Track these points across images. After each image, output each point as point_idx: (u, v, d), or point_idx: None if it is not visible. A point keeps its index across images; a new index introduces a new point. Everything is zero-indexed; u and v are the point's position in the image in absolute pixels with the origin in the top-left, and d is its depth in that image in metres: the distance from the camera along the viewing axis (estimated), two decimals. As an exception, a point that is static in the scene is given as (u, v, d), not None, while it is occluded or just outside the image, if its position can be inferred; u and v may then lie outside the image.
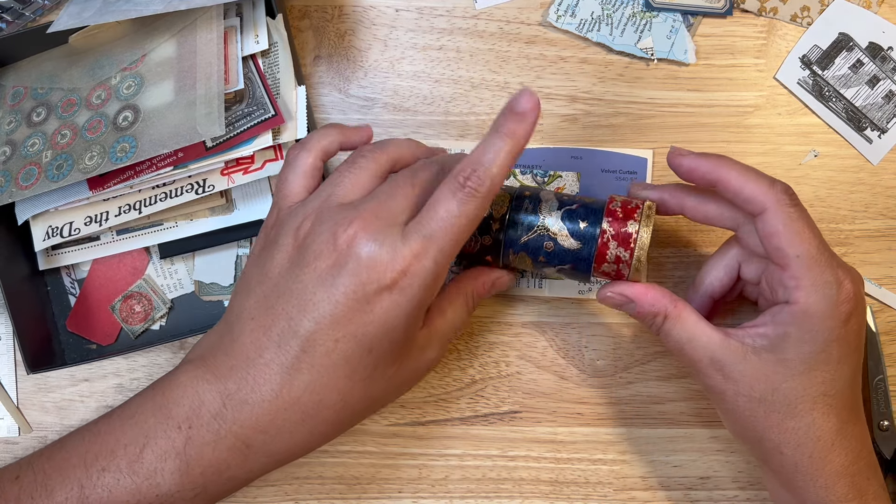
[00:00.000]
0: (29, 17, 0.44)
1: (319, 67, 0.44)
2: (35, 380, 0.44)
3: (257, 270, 0.35)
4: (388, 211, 0.33)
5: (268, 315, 0.33)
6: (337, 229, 0.32)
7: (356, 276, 0.32)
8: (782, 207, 0.34)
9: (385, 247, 0.32)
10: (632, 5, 0.44)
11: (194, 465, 0.32)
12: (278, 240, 0.34)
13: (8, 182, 0.39)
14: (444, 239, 0.32)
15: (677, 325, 0.36)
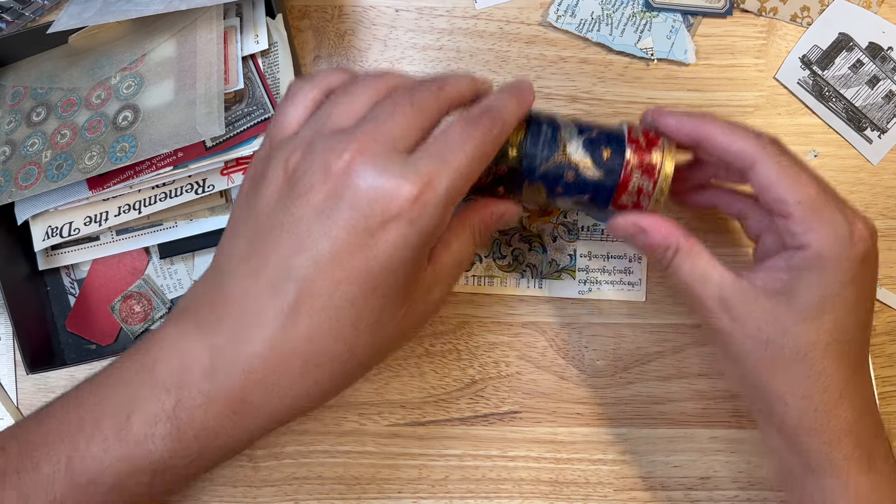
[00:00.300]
0: (29, 17, 0.44)
1: (319, 67, 0.44)
2: (35, 380, 0.44)
3: (245, 209, 0.31)
4: (388, 134, 0.29)
5: (258, 257, 0.29)
6: (330, 156, 0.28)
7: (356, 207, 0.28)
8: (772, 157, 0.33)
9: (388, 173, 0.28)
10: (632, 5, 0.44)
11: (186, 429, 0.29)
12: (266, 174, 0.31)
13: (8, 182, 0.39)
14: (458, 166, 0.29)
15: (688, 260, 0.34)
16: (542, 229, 0.44)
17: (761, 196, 0.34)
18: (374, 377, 0.44)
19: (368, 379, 0.44)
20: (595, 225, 0.44)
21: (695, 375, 0.44)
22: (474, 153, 0.30)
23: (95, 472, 0.29)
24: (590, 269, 0.44)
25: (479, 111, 0.31)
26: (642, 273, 0.44)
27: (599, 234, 0.44)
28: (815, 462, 0.34)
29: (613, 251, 0.44)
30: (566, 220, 0.44)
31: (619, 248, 0.44)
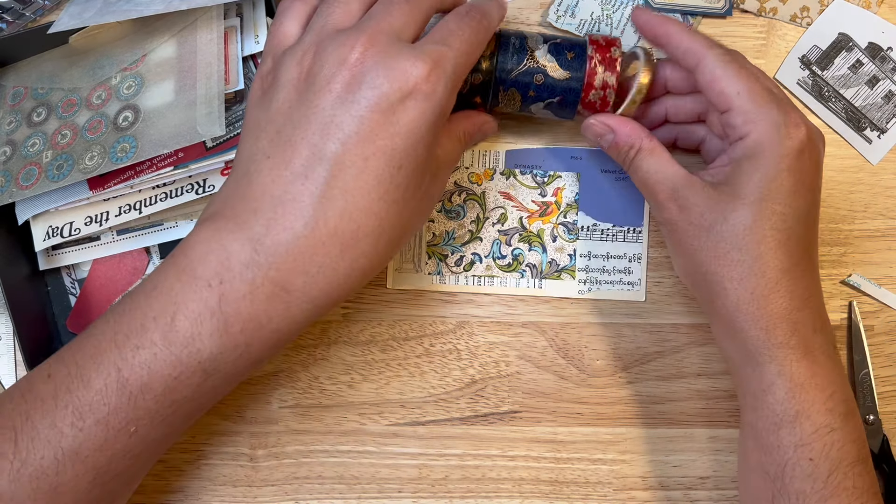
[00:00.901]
0: (29, 17, 0.44)
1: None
2: (35, 380, 0.44)
3: (263, 113, 0.33)
4: (391, 27, 0.32)
5: (286, 148, 0.31)
6: (343, 50, 0.31)
7: (377, 87, 0.30)
8: (717, 55, 0.36)
9: (400, 56, 0.31)
10: (631, 6, 0.44)
11: (233, 321, 0.30)
12: (279, 79, 0.32)
13: (8, 182, 0.39)
14: (460, 48, 0.32)
15: (648, 158, 0.37)
16: (542, 229, 0.44)
17: (707, 94, 0.36)
18: (375, 377, 0.44)
19: (368, 379, 0.44)
20: (595, 225, 0.44)
21: (695, 375, 0.44)
22: (471, 39, 0.33)
23: (146, 380, 0.30)
24: (589, 269, 0.44)
25: (468, 7, 0.35)
26: (642, 273, 0.44)
27: (599, 233, 0.44)
28: (752, 348, 0.35)
29: (613, 251, 0.44)
30: (566, 220, 0.44)
31: (619, 247, 0.44)
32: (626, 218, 0.44)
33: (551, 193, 0.44)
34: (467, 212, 0.44)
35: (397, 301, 0.45)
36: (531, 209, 0.44)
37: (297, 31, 0.34)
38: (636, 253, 0.44)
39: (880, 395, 0.44)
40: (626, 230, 0.44)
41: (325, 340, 0.44)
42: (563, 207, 0.44)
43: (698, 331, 0.44)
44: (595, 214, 0.44)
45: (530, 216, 0.44)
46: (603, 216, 0.44)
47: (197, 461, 0.44)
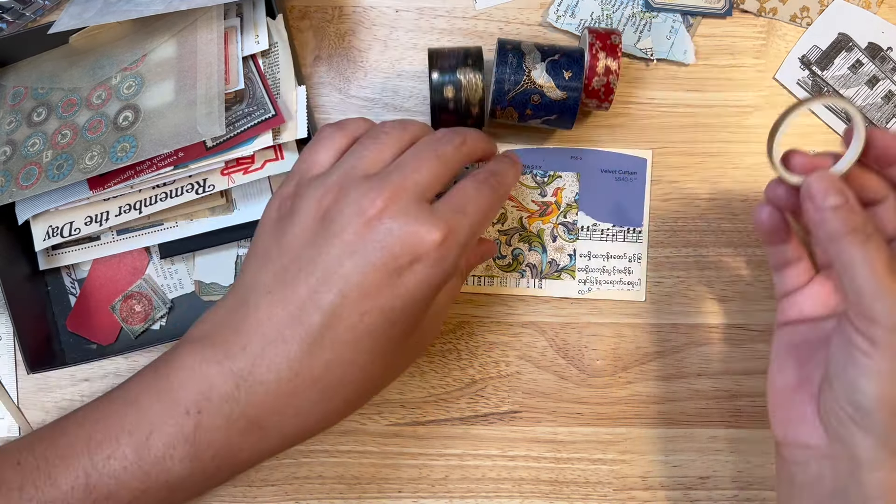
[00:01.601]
0: (29, 17, 0.44)
1: (319, 67, 0.45)
2: (35, 380, 0.44)
3: (273, 242, 0.33)
4: (416, 185, 0.32)
5: (287, 288, 0.31)
6: (364, 201, 0.31)
7: (388, 247, 0.30)
8: None
9: (418, 220, 0.31)
10: (631, 6, 0.44)
11: (204, 450, 0.31)
12: (298, 211, 0.32)
13: (8, 182, 0.39)
14: (475, 217, 0.33)
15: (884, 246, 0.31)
16: (542, 229, 0.44)
17: None
18: (375, 377, 0.44)
19: (368, 379, 0.44)
20: (595, 224, 0.44)
21: (694, 375, 0.44)
22: (487, 207, 0.33)
23: (113, 489, 0.31)
24: (589, 269, 0.44)
25: (486, 174, 0.35)
26: (642, 273, 0.44)
27: (599, 233, 0.44)
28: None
29: (613, 251, 0.44)
30: (566, 220, 0.44)
31: (619, 247, 0.44)
32: (627, 218, 0.44)
33: (551, 193, 0.44)
34: None
35: (397, 301, 0.45)
36: (531, 209, 0.44)
37: (328, 163, 0.34)
38: (636, 253, 0.44)
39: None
40: (626, 230, 0.44)
41: (325, 340, 0.44)
42: (562, 207, 0.44)
43: (698, 331, 0.44)
44: (595, 214, 0.44)
45: (530, 216, 0.44)
46: (603, 216, 0.44)
47: (197, 461, 0.44)
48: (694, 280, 0.44)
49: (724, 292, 0.44)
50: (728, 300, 0.44)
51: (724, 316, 0.44)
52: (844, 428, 0.32)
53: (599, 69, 0.38)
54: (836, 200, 0.31)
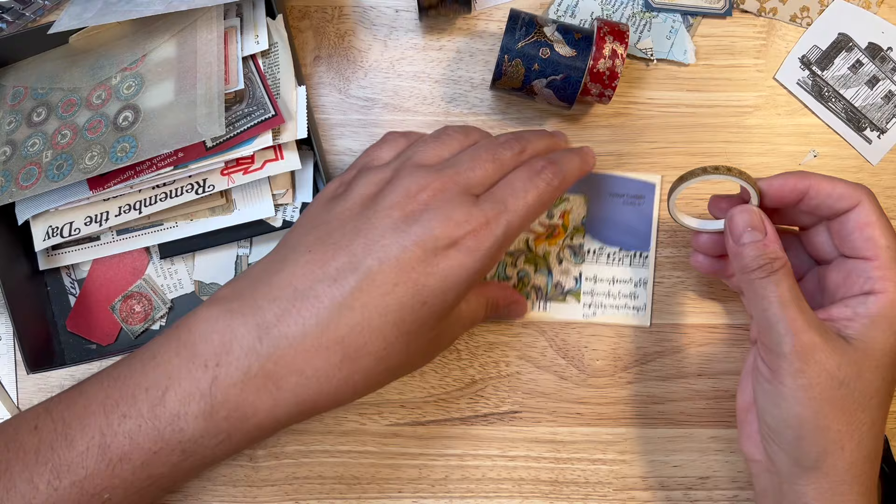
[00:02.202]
0: (29, 17, 0.44)
1: (319, 67, 0.45)
2: (35, 380, 0.44)
3: (324, 211, 0.34)
4: (467, 180, 0.34)
5: (328, 249, 0.32)
6: (413, 185, 0.33)
7: (429, 228, 0.32)
8: (874, 201, 0.35)
9: (460, 207, 0.33)
10: (631, 6, 0.44)
11: (219, 407, 0.31)
12: (352, 190, 0.35)
13: (8, 182, 0.39)
14: (516, 211, 0.34)
15: (791, 279, 0.34)
16: (548, 252, 0.44)
17: (853, 235, 0.35)
18: (375, 377, 0.44)
19: (368, 379, 0.44)
20: (601, 248, 0.44)
21: (694, 375, 0.44)
22: (533, 202, 0.34)
23: (127, 449, 0.30)
24: (595, 293, 0.44)
25: (544, 163, 0.35)
26: (648, 298, 0.44)
27: (606, 257, 0.44)
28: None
29: (619, 275, 0.44)
30: (573, 243, 0.44)
31: (626, 272, 0.44)
32: (634, 242, 0.44)
33: (558, 216, 0.44)
34: None
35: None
36: (538, 231, 0.44)
37: (388, 159, 0.37)
38: (642, 278, 0.44)
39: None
40: (632, 254, 0.44)
41: (325, 340, 0.44)
42: (569, 230, 0.44)
43: (698, 331, 0.44)
44: (602, 238, 0.44)
45: (537, 238, 0.44)
46: (610, 240, 0.44)
47: (197, 461, 0.44)
48: (694, 280, 0.44)
49: (724, 292, 0.44)
50: (728, 300, 0.44)
51: (724, 316, 0.44)
52: (768, 445, 0.35)
53: (606, 51, 0.39)
54: (752, 237, 0.35)
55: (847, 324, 0.34)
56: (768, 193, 0.36)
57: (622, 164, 0.44)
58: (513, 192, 0.34)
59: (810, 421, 0.33)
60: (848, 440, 0.33)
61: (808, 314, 0.34)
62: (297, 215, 0.42)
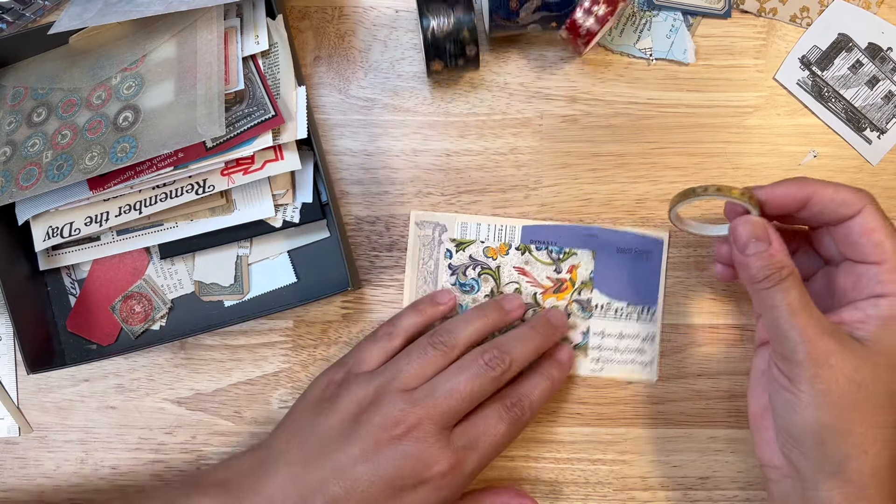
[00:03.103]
0: (29, 17, 0.44)
1: (319, 68, 0.45)
2: (35, 380, 0.44)
3: (308, 421, 0.38)
4: (443, 414, 0.36)
5: (305, 468, 0.36)
6: (391, 417, 0.36)
7: (400, 466, 0.35)
8: (877, 206, 0.35)
9: (433, 446, 0.36)
10: (632, 4, 0.44)
11: None
12: (338, 402, 0.38)
13: (8, 182, 0.39)
14: (485, 452, 0.37)
15: (801, 286, 0.34)
16: (556, 306, 0.44)
17: (859, 240, 0.35)
18: (375, 377, 0.44)
19: (368, 379, 0.44)
20: (609, 303, 0.44)
21: (694, 375, 0.44)
22: (502, 440, 0.38)
23: None
24: (602, 348, 0.44)
25: (515, 400, 0.39)
26: (655, 353, 0.44)
27: (613, 312, 0.44)
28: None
29: (627, 330, 0.44)
30: (580, 297, 0.44)
31: (633, 327, 0.44)
32: (641, 297, 0.44)
33: (566, 270, 0.44)
34: (481, 286, 0.44)
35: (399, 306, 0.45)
36: (546, 285, 0.44)
37: (376, 363, 0.40)
38: (650, 333, 0.44)
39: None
40: (640, 309, 0.44)
41: (325, 340, 0.44)
42: (577, 285, 0.44)
43: (698, 331, 0.44)
44: (610, 293, 0.44)
45: (545, 292, 0.44)
46: (617, 295, 0.44)
47: (197, 461, 0.44)
48: (694, 280, 0.44)
49: (724, 292, 0.45)
50: (728, 300, 0.44)
51: (724, 316, 0.44)
52: (788, 451, 0.35)
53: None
54: (757, 247, 0.35)
55: (859, 326, 0.34)
56: (769, 203, 0.36)
57: (622, 163, 0.44)
58: (485, 431, 0.37)
59: (831, 426, 0.33)
60: (871, 444, 0.33)
61: (820, 319, 0.33)
62: (297, 215, 0.42)
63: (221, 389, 0.44)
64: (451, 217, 0.44)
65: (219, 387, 0.44)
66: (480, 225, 0.44)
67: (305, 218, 0.42)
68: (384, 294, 0.44)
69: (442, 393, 0.37)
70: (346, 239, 0.43)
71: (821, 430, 0.33)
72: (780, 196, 0.36)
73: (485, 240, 0.44)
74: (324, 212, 0.43)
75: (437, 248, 0.44)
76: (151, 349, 0.44)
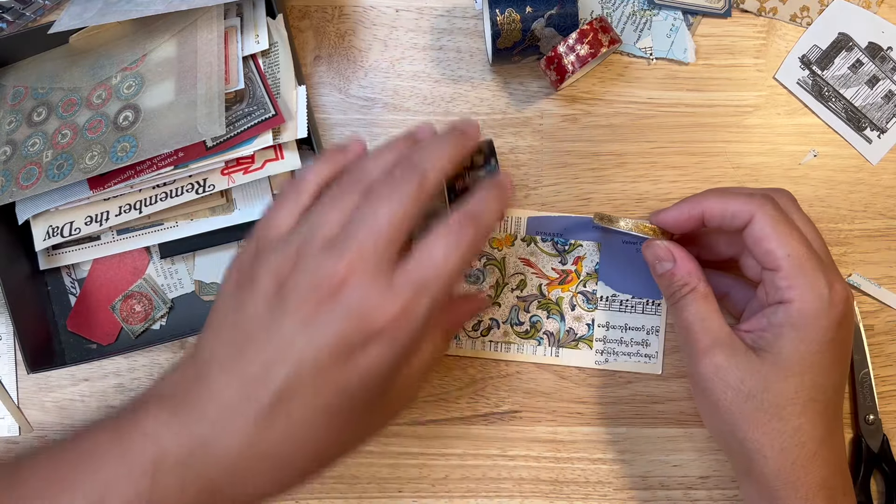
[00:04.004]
0: (30, 17, 0.44)
1: (319, 67, 0.45)
2: (35, 379, 0.44)
3: (231, 310, 0.32)
4: (374, 253, 0.30)
5: (241, 360, 0.30)
6: (319, 274, 0.30)
7: (342, 323, 0.29)
8: (768, 213, 0.36)
9: (373, 293, 0.30)
10: (632, 3, 0.44)
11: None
12: (256, 279, 0.32)
13: (8, 182, 0.39)
14: (437, 287, 0.31)
15: (700, 302, 0.37)
16: (561, 297, 0.44)
17: (754, 249, 0.36)
18: (375, 377, 0.44)
19: (368, 378, 0.44)
20: (614, 295, 0.44)
21: (694, 375, 0.44)
22: (455, 266, 0.31)
23: None
24: (607, 340, 0.44)
25: (462, 219, 0.31)
26: (659, 346, 0.44)
27: (618, 304, 0.44)
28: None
29: (632, 323, 0.44)
30: (585, 289, 0.44)
31: (638, 319, 0.44)
32: (646, 290, 0.44)
33: (571, 262, 0.44)
34: (486, 277, 0.44)
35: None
36: (551, 277, 0.44)
37: (288, 224, 0.33)
38: (654, 325, 0.44)
39: (880, 395, 0.44)
40: (645, 302, 0.44)
41: (325, 340, 0.44)
42: (582, 276, 0.44)
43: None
44: (615, 285, 0.44)
45: (550, 284, 0.44)
46: (623, 287, 0.44)
47: (197, 461, 0.44)
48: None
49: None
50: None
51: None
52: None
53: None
54: (663, 267, 0.38)
55: (761, 334, 0.36)
56: (667, 225, 0.39)
57: (622, 163, 0.44)
58: (430, 265, 0.30)
59: (729, 434, 0.36)
60: (768, 449, 0.35)
61: (714, 334, 0.36)
62: (298, 215, 0.42)
63: (221, 389, 0.44)
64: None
65: (219, 386, 0.44)
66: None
67: (305, 217, 0.42)
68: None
69: (365, 231, 0.30)
70: (346, 238, 0.43)
71: (723, 437, 0.37)
72: (673, 220, 0.38)
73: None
74: (324, 211, 0.43)
75: None
76: (152, 349, 0.44)
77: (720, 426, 0.36)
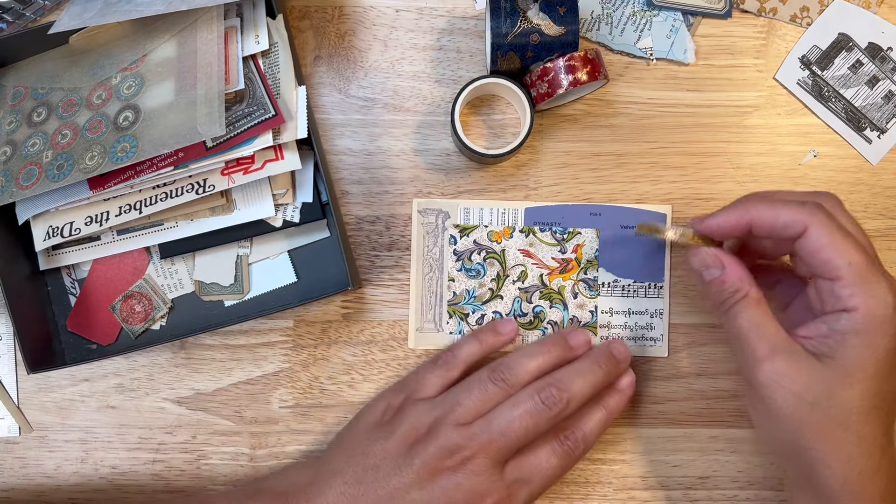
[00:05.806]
0: (30, 17, 0.44)
1: (319, 67, 0.45)
2: (36, 379, 0.44)
3: (366, 442, 0.39)
4: (498, 450, 0.37)
5: (359, 489, 0.37)
6: (446, 450, 0.37)
7: (452, 496, 0.36)
8: (823, 222, 0.34)
9: (485, 479, 0.37)
10: (632, 4, 0.44)
11: None
12: (396, 428, 0.39)
13: (8, 182, 0.39)
14: (536, 485, 0.38)
15: (753, 308, 0.35)
16: (563, 286, 0.44)
17: (810, 259, 0.35)
18: (375, 377, 0.44)
19: (368, 379, 0.44)
20: (616, 281, 0.44)
21: (694, 375, 0.44)
22: (554, 473, 0.38)
23: None
24: (611, 326, 0.44)
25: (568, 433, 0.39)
26: (664, 328, 0.44)
27: (620, 290, 0.44)
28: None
29: (635, 307, 0.44)
30: (586, 276, 0.44)
31: (641, 303, 0.44)
32: (647, 273, 0.44)
33: (571, 250, 0.44)
34: (487, 270, 0.44)
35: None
36: (551, 266, 0.44)
37: (435, 392, 0.40)
38: (658, 308, 0.44)
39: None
40: (647, 286, 0.44)
41: (325, 340, 0.44)
42: (583, 264, 0.44)
43: (698, 331, 0.44)
44: (616, 270, 0.44)
45: (551, 273, 0.44)
46: (623, 272, 0.44)
47: (197, 461, 0.44)
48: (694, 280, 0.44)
49: (724, 292, 0.44)
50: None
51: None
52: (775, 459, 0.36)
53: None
54: (711, 274, 0.37)
55: (823, 341, 0.34)
56: (712, 234, 0.37)
57: (622, 163, 0.44)
58: (537, 465, 0.38)
59: (790, 443, 0.35)
60: (833, 459, 0.34)
61: (772, 341, 0.34)
62: (297, 215, 0.42)
63: (222, 389, 0.44)
64: (453, 203, 0.44)
65: (219, 386, 0.44)
66: (483, 209, 0.44)
67: (305, 218, 0.42)
68: (384, 294, 0.44)
69: (497, 429, 0.37)
70: (346, 239, 0.43)
71: (782, 447, 0.35)
72: (718, 226, 0.37)
73: (488, 224, 0.44)
74: (324, 211, 0.43)
75: (441, 235, 0.44)
76: (151, 349, 0.44)
77: (780, 435, 0.35)
